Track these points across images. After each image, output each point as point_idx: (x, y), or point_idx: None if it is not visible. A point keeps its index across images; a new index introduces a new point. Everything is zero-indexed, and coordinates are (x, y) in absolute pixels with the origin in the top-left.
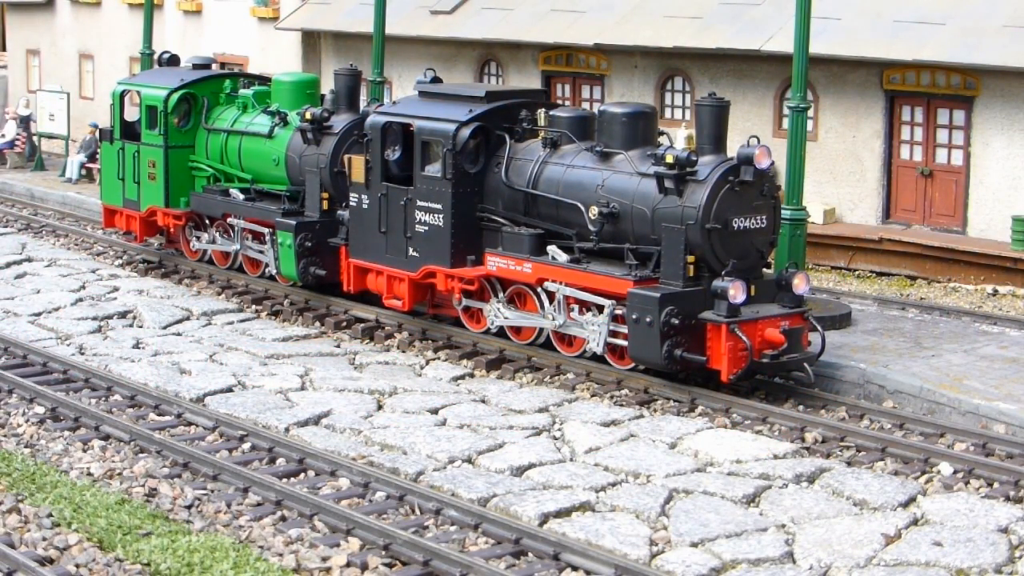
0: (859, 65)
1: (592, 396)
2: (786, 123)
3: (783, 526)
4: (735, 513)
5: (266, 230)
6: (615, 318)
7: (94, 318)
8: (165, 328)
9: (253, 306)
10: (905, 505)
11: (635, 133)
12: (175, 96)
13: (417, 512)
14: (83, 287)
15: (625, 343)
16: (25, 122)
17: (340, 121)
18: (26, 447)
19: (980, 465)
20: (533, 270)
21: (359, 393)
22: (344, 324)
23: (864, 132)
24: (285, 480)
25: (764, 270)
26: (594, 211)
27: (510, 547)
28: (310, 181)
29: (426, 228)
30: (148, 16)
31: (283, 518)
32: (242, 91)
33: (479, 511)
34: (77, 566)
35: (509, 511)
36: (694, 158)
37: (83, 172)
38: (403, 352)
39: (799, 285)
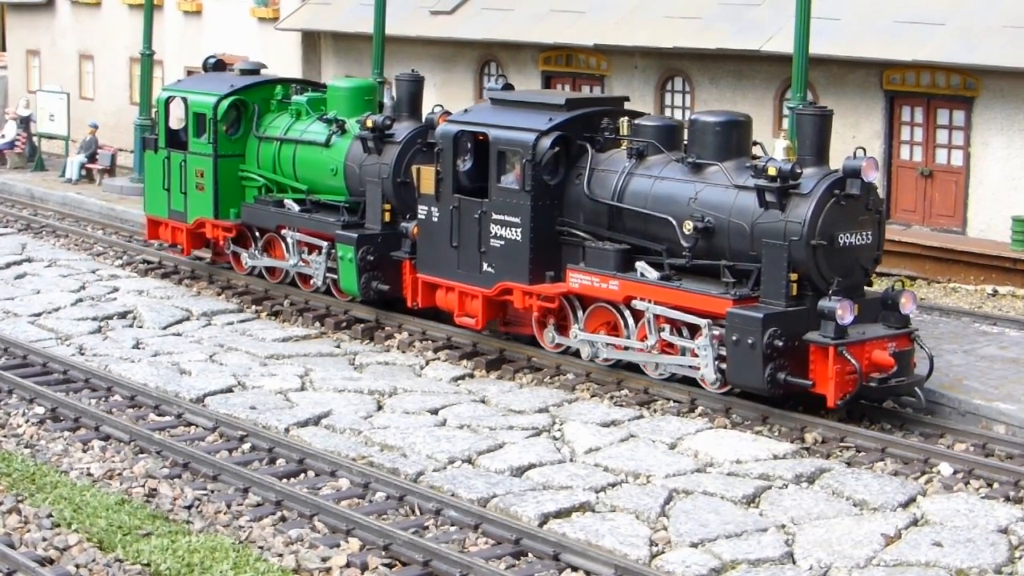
0: (859, 65)
1: (592, 396)
2: (786, 123)
3: (783, 526)
4: (735, 513)
5: (324, 243)
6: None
7: (94, 318)
8: (165, 328)
9: (253, 306)
10: (905, 505)
11: (729, 143)
12: (225, 103)
13: (417, 512)
14: (83, 287)
15: (724, 365)
16: (25, 122)
17: (402, 129)
18: (26, 447)
19: (980, 465)
20: (620, 287)
21: (359, 393)
22: (344, 324)
23: (864, 132)
24: (285, 480)
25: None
26: (689, 226)
27: (510, 547)
28: (371, 192)
29: (502, 242)
30: (148, 16)
31: (283, 518)
32: (295, 97)
33: (479, 511)
34: (77, 566)
35: (509, 511)
36: (798, 170)
37: (83, 172)
38: (403, 352)
39: (906, 304)
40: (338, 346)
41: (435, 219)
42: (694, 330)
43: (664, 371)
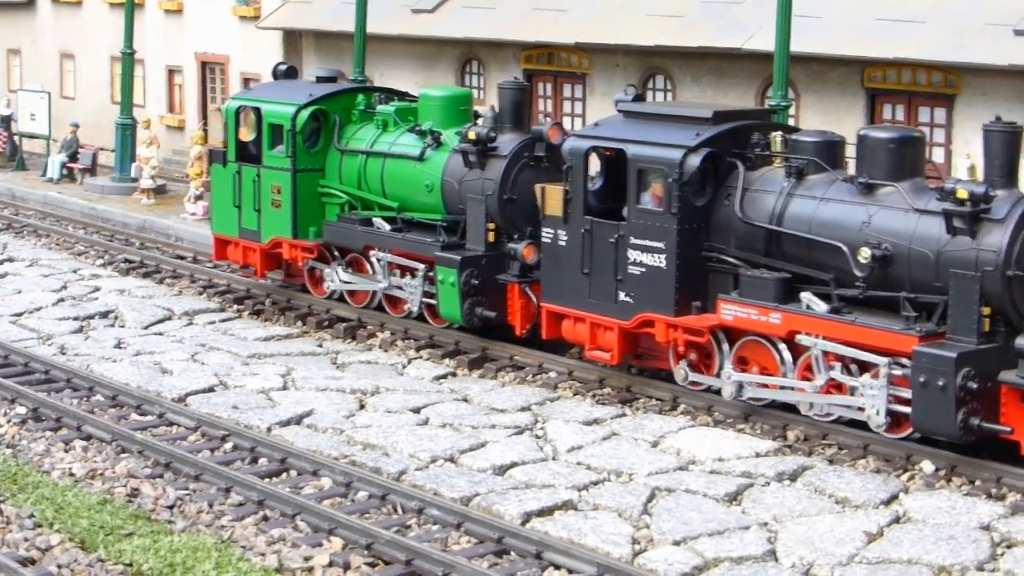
0: (840, 63)
1: (574, 395)
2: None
3: (765, 524)
4: (717, 511)
5: (420, 265)
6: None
7: (75, 318)
8: (147, 328)
9: (235, 305)
10: (887, 503)
11: (903, 162)
12: (305, 113)
13: (399, 511)
14: (64, 287)
15: (900, 407)
16: (6, 122)
17: (507, 141)
18: (8, 447)
19: (962, 463)
20: (783, 320)
21: (341, 392)
22: (326, 323)
23: (845, 130)
24: (267, 480)
25: None
26: (865, 253)
27: (492, 546)
28: (473, 210)
29: (642, 270)
30: (129, 15)
31: (265, 518)
32: (380, 107)
33: (461, 510)
34: (59, 566)
35: (491, 510)
36: (992, 193)
37: (64, 172)
38: (385, 351)
39: None
40: (320, 345)
41: (562, 243)
42: (864, 369)
43: (820, 411)
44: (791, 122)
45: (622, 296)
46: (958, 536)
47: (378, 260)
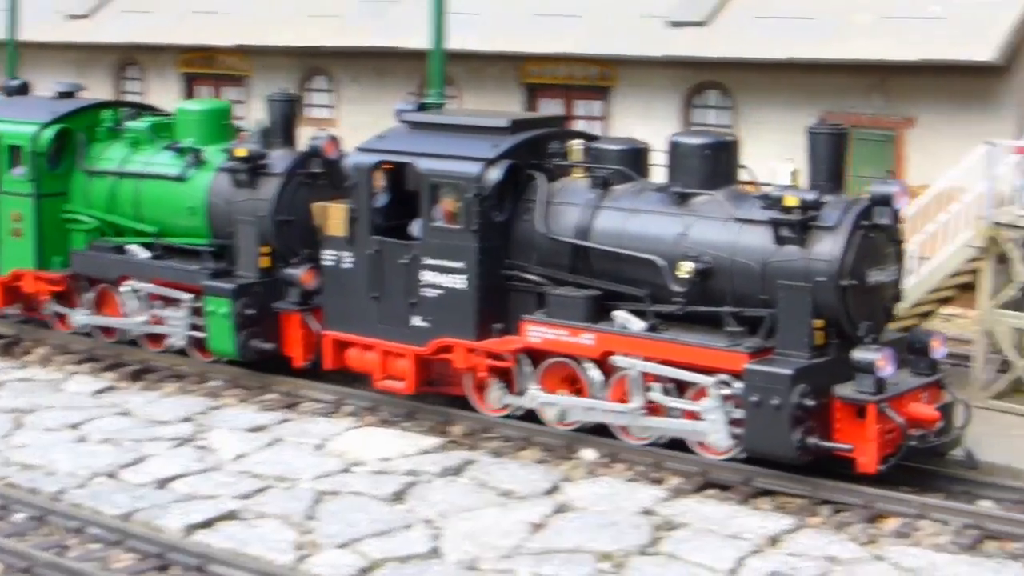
0: (498, 59)
1: (239, 402)
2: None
3: (430, 521)
4: (382, 511)
5: (186, 295)
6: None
7: None
8: None
9: None
10: (550, 493)
11: (718, 168)
12: (49, 132)
13: (59, 532)
14: None
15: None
16: None
17: (280, 158)
18: None
19: (623, 449)
20: (597, 341)
21: None
22: None
23: None
24: None
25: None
26: (688, 267)
27: (155, 562)
28: (245, 233)
29: (439, 292)
30: None
31: None
32: (130, 124)
33: (122, 527)
34: None
35: (153, 525)
36: (823, 200)
37: None
38: (43, 367)
39: (937, 347)
40: None
41: (347, 265)
42: (683, 388)
43: (652, 436)
44: None
45: (416, 321)
46: (620, 522)
47: (135, 291)
